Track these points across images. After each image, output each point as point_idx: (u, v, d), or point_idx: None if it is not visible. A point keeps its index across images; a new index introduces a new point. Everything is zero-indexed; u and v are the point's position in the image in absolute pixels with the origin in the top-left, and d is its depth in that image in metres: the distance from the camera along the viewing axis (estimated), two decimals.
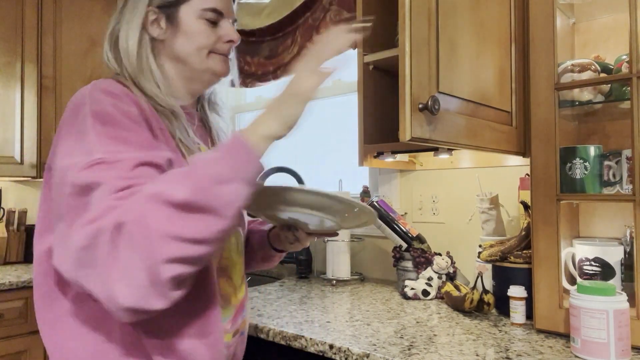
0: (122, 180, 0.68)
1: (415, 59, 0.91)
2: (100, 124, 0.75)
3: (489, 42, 1.09)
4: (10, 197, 2.50)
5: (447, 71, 0.98)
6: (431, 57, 0.94)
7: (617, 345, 0.93)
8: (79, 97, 0.80)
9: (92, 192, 0.68)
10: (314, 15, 1.95)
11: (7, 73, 2.21)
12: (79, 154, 0.73)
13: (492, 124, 1.07)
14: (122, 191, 0.67)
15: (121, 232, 0.64)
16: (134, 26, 0.91)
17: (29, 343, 1.97)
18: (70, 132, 0.77)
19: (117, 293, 0.64)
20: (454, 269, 1.52)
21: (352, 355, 1.02)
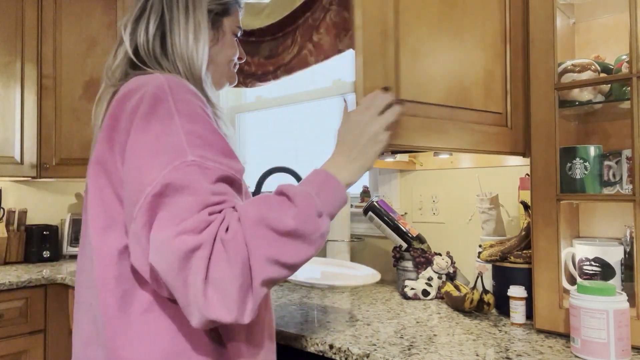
0: (214, 195, 0.70)
1: (368, 70, 0.93)
2: (190, 123, 0.74)
3: (469, 46, 1.10)
4: (10, 197, 2.51)
5: (410, 80, 1.00)
6: (388, 68, 0.97)
7: (617, 345, 0.93)
8: (157, 89, 0.76)
9: (178, 194, 0.69)
10: (314, 15, 1.95)
11: (7, 73, 2.22)
12: (167, 152, 0.71)
13: (473, 125, 1.09)
14: (214, 206, 0.69)
15: (223, 248, 0.67)
16: (203, 26, 0.91)
17: (29, 343, 1.97)
18: (148, 127, 0.73)
19: (209, 305, 0.66)
20: (454, 269, 1.53)
21: (352, 355, 1.02)
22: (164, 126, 0.73)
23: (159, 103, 0.75)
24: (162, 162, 0.70)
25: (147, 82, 0.78)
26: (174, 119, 0.74)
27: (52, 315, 2.04)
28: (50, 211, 2.65)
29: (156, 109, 0.75)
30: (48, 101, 2.31)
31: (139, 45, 0.89)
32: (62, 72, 2.32)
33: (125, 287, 0.78)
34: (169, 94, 0.76)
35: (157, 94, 0.76)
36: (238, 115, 2.63)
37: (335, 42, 1.90)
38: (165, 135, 0.72)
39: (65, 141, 2.31)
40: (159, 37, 0.89)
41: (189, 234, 0.66)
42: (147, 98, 0.75)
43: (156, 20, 0.89)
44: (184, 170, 0.70)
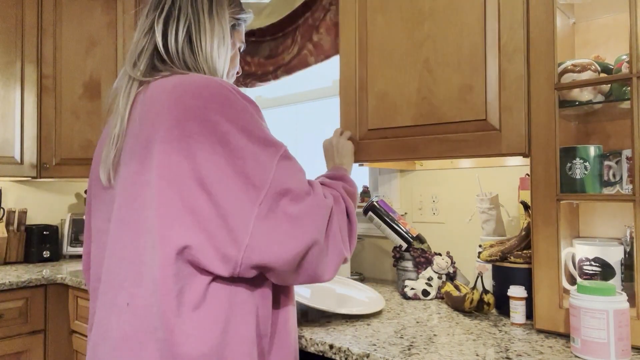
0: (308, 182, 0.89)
1: (344, 111, 1.49)
2: (259, 118, 0.87)
3: (439, 72, 1.31)
4: (10, 197, 2.51)
5: (376, 114, 1.42)
6: (360, 109, 1.46)
7: (617, 345, 0.93)
8: (226, 91, 0.84)
9: (299, 176, 0.86)
10: (314, 15, 1.95)
11: (7, 73, 2.22)
12: (269, 144, 0.83)
13: (445, 136, 1.29)
14: (323, 192, 0.90)
15: (338, 213, 0.90)
16: (226, 35, 1.00)
17: (29, 343, 1.97)
18: (239, 127, 0.81)
19: (329, 271, 0.87)
20: (454, 269, 1.53)
21: (352, 355, 1.02)
22: (252, 125, 0.83)
23: (234, 101, 0.83)
24: (271, 153, 0.82)
25: (203, 82, 0.84)
26: (253, 116, 0.84)
27: (52, 315, 2.04)
28: (50, 211, 2.65)
29: (235, 106, 0.83)
30: (48, 101, 2.31)
31: (169, 44, 0.93)
32: (62, 72, 2.32)
33: (180, 284, 0.79)
34: (234, 93, 0.84)
35: (229, 96, 0.83)
36: None
37: (335, 42, 1.90)
38: (259, 131, 0.83)
39: (65, 141, 2.31)
40: (187, 39, 0.94)
41: (326, 198, 0.88)
42: (221, 101, 0.82)
43: (185, 23, 0.94)
44: (289, 156, 0.86)
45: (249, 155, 0.80)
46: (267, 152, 0.82)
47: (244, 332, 0.82)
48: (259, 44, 2.18)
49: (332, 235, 0.87)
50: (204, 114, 0.80)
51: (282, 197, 0.80)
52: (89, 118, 2.32)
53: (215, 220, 0.78)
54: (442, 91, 1.30)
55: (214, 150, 0.79)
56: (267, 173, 0.80)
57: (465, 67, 1.26)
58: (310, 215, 0.82)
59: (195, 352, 0.78)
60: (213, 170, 0.78)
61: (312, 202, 0.84)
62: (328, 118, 2.24)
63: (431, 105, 1.31)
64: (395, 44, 1.39)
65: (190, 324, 0.78)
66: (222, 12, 0.98)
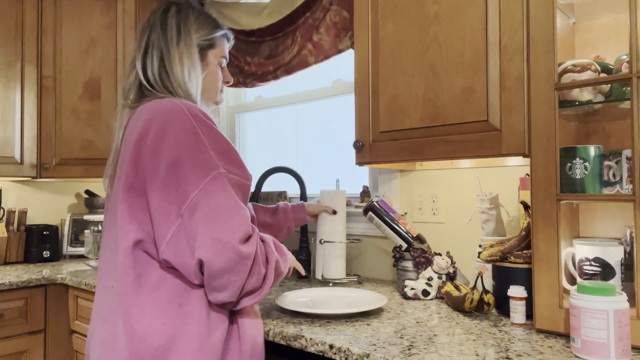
0: (246, 209, 0.98)
1: (358, 114, 1.53)
2: (212, 141, 1.00)
3: (443, 76, 1.33)
4: (10, 197, 2.51)
5: (387, 117, 1.45)
6: (372, 111, 1.50)
7: (617, 345, 0.93)
8: (179, 113, 0.99)
9: (224, 203, 0.94)
10: (314, 15, 1.95)
11: (7, 73, 2.22)
12: (203, 165, 0.96)
13: (449, 137, 1.31)
14: (250, 221, 0.99)
15: (258, 264, 0.98)
16: (194, 60, 1.14)
17: (29, 343, 1.97)
18: (180, 144, 0.96)
19: (230, 298, 0.98)
20: (454, 269, 1.52)
21: (352, 355, 1.02)
22: (195, 144, 0.96)
23: (186, 126, 0.97)
24: (202, 174, 0.95)
25: (166, 107, 1.00)
26: (200, 137, 0.97)
27: (52, 315, 2.04)
28: (50, 211, 2.65)
29: (185, 129, 0.97)
30: (48, 101, 2.31)
31: (148, 75, 1.11)
32: (62, 72, 2.32)
33: (138, 271, 0.99)
34: (190, 116, 0.98)
35: (182, 118, 0.98)
36: (238, 115, 2.63)
37: (335, 42, 1.90)
38: (199, 151, 0.96)
39: (65, 141, 2.31)
40: (162, 69, 1.12)
41: (245, 243, 0.94)
42: (171, 120, 0.98)
43: (158, 55, 1.12)
44: (222, 180, 0.96)
45: (182, 173, 0.95)
46: (199, 174, 0.95)
47: (197, 316, 0.98)
48: (259, 44, 2.18)
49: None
50: (160, 135, 0.97)
51: (194, 213, 0.93)
52: (89, 118, 2.32)
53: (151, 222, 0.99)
54: (446, 93, 1.32)
55: (158, 166, 0.96)
56: (192, 191, 0.94)
57: (467, 69, 1.27)
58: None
59: (150, 328, 0.95)
60: (154, 183, 0.97)
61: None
62: (328, 118, 2.24)
63: (436, 108, 1.34)
64: (403, 48, 1.41)
65: (147, 304, 0.97)
66: (189, 40, 1.14)
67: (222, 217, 0.93)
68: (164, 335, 0.96)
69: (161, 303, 0.98)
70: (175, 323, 0.97)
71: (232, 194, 0.96)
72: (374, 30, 1.49)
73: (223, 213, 0.93)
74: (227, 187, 0.96)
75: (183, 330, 0.97)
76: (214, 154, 0.97)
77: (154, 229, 0.98)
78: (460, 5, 1.29)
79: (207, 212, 0.93)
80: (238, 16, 2.20)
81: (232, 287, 0.95)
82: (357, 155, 1.53)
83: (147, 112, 1.01)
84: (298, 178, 1.93)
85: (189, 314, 0.98)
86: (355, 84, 1.53)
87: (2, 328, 1.89)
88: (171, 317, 0.97)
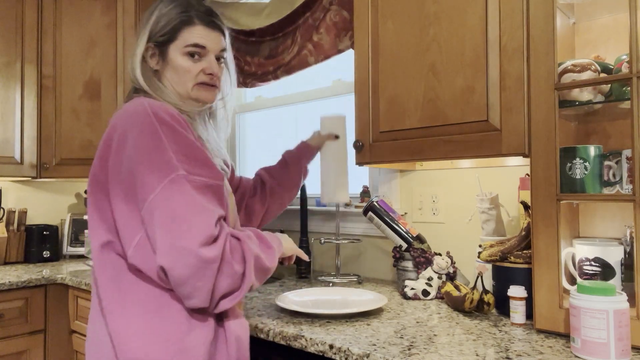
0: (212, 210, 0.94)
1: (358, 114, 1.53)
2: (174, 142, 0.96)
3: (442, 76, 1.33)
4: (10, 197, 2.51)
5: (387, 117, 1.46)
6: (372, 111, 1.49)
7: (617, 345, 0.93)
8: (143, 114, 0.97)
9: (184, 206, 0.91)
10: (314, 15, 1.95)
11: (7, 73, 2.22)
12: (162, 167, 0.92)
13: (450, 137, 1.31)
14: (217, 221, 0.94)
15: (228, 266, 0.93)
16: (136, 59, 1.11)
17: (29, 343, 1.97)
18: (141, 146, 0.94)
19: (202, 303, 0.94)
20: (454, 269, 1.52)
21: (352, 355, 1.02)
22: (154, 145, 0.94)
23: (147, 127, 0.95)
24: (159, 176, 0.91)
25: (130, 109, 0.99)
26: (161, 139, 0.94)
27: (52, 315, 2.04)
28: (50, 211, 2.65)
29: (145, 131, 0.95)
30: (48, 101, 2.31)
31: (131, 76, 1.13)
32: (62, 72, 2.32)
33: (112, 273, 0.99)
34: (152, 116, 0.96)
35: (144, 119, 0.96)
36: (238, 116, 2.63)
37: (335, 42, 1.90)
38: (158, 153, 0.93)
39: (65, 141, 2.31)
40: (133, 69, 1.12)
41: (207, 246, 0.89)
42: (133, 123, 0.97)
43: (130, 59, 1.14)
44: (180, 182, 0.92)
45: (140, 177, 0.93)
46: (157, 177, 0.92)
47: (176, 319, 0.96)
48: (259, 44, 2.18)
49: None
50: (122, 138, 0.97)
51: (152, 217, 0.92)
52: (89, 118, 2.32)
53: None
54: (446, 93, 1.32)
55: (120, 169, 0.96)
56: (149, 194, 0.92)
57: (467, 69, 1.27)
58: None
59: (128, 331, 0.95)
60: (116, 187, 0.97)
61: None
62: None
63: (436, 108, 1.34)
64: (403, 48, 1.41)
65: (124, 306, 0.97)
66: (143, 38, 1.11)
67: (180, 221, 0.89)
68: (141, 338, 0.94)
69: (137, 306, 0.96)
70: (152, 326, 0.95)
71: (194, 196, 0.92)
72: (374, 30, 1.49)
73: (181, 217, 0.89)
74: (187, 189, 0.92)
75: (160, 334, 0.95)
76: (175, 155, 0.93)
77: (119, 233, 0.97)
78: (460, 5, 1.29)
79: (164, 217, 0.90)
80: (238, 16, 2.20)
81: (199, 293, 0.91)
82: (357, 155, 1.52)
83: (115, 115, 1.02)
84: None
85: (167, 316, 0.96)
86: (355, 84, 1.53)
87: (2, 328, 1.89)
88: (148, 320, 0.95)
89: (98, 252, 1.01)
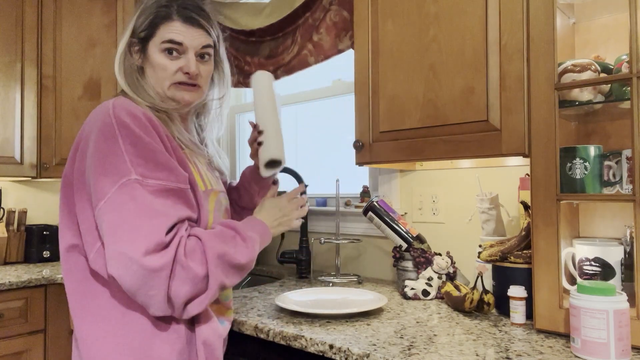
0: (166, 215, 0.89)
1: (358, 114, 1.53)
2: (131, 145, 0.92)
3: (442, 76, 1.33)
4: (10, 197, 2.51)
5: (387, 117, 1.45)
6: (372, 111, 1.49)
7: (617, 345, 0.93)
8: (105, 117, 0.94)
9: (134, 212, 0.87)
10: (314, 15, 1.95)
11: (7, 73, 2.22)
12: (114, 171, 0.90)
13: (450, 137, 1.31)
14: (172, 226, 0.89)
15: (182, 270, 0.88)
16: (118, 56, 1.09)
17: (29, 343, 1.97)
18: (99, 148, 0.92)
19: (162, 310, 0.90)
20: (454, 269, 1.52)
21: (352, 355, 1.02)
22: (110, 148, 0.91)
23: (105, 129, 0.93)
24: (111, 181, 0.89)
25: (97, 111, 0.98)
26: (117, 141, 0.91)
27: (52, 315, 2.04)
28: (50, 211, 2.65)
29: (103, 134, 0.92)
30: (48, 101, 2.31)
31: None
32: (62, 72, 2.32)
33: (78, 276, 0.98)
34: (113, 118, 0.93)
35: (105, 120, 0.94)
36: (238, 115, 2.63)
37: (335, 42, 1.90)
38: (113, 156, 0.90)
39: (65, 141, 2.31)
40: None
41: (153, 254, 0.85)
42: (95, 125, 0.95)
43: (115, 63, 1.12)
44: (132, 187, 0.88)
45: (94, 181, 0.91)
46: (108, 182, 0.89)
47: (141, 327, 0.94)
48: (259, 44, 2.18)
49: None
50: (86, 140, 0.96)
51: (102, 223, 0.90)
52: None
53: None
54: (446, 93, 1.32)
55: (82, 173, 0.95)
56: (100, 200, 0.90)
57: (467, 69, 1.27)
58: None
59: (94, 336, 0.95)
60: (78, 191, 0.96)
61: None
62: (328, 118, 2.24)
63: (436, 108, 1.34)
64: (403, 48, 1.41)
65: (90, 310, 0.96)
66: (124, 36, 1.09)
67: (126, 227, 0.85)
68: (104, 345, 0.93)
69: (102, 311, 0.95)
70: (116, 333, 0.94)
71: (146, 201, 0.87)
72: (374, 30, 1.49)
73: (128, 223, 0.85)
74: (140, 194, 0.87)
75: (124, 342, 0.93)
76: (130, 158, 0.89)
77: (82, 237, 0.96)
78: (460, 6, 1.29)
79: (111, 224, 0.86)
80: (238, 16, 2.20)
81: (154, 301, 0.87)
82: (357, 155, 1.53)
83: (88, 116, 1.01)
84: (298, 178, 1.92)
85: (132, 323, 0.94)
86: (355, 84, 1.53)
87: (2, 328, 1.89)
88: (113, 327, 0.94)
89: (64, 255, 1.00)
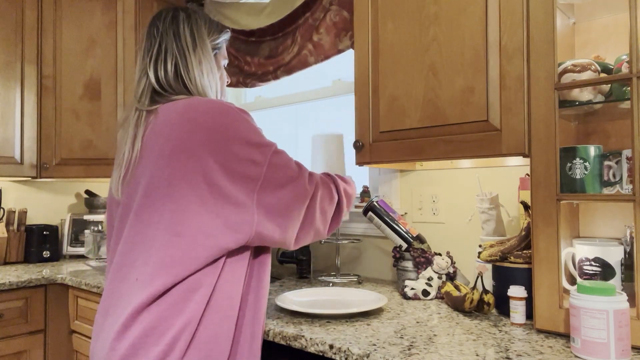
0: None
1: (358, 114, 1.54)
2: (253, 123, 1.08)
3: (442, 76, 1.33)
4: (10, 197, 2.51)
5: (387, 116, 1.46)
6: (372, 111, 1.50)
7: (617, 345, 0.93)
8: (225, 105, 1.02)
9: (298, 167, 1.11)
10: (314, 15, 1.95)
11: (7, 73, 2.22)
12: (265, 143, 1.04)
13: (450, 137, 1.32)
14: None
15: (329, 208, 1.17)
16: (212, 64, 1.17)
17: (29, 343, 1.97)
18: (240, 130, 1.01)
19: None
20: (454, 269, 1.52)
21: (352, 355, 1.02)
22: (249, 126, 1.03)
23: (231, 114, 1.01)
24: (266, 150, 1.02)
25: (213, 104, 1.02)
26: (249, 121, 1.04)
27: (52, 315, 2.04)
28: (50, 211, 2.65)
29: (236, 118, 1.01)
30: (48, 101, 2.31)
31: (161, 81, 1.11)
32: (62, 72, 2.32)
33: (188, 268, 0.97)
34: (237, 112, 1.02)
35: (225, 108, 1.01)
36: None
37: (335, 42, 1.90)
38: (256, 134, 1.03)
39: (65, 141, 2.31)
40: (176, 75, 1.12)
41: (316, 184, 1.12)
42: (222, 113, 1.00)
43: (172, 62, 1.12)
44: (282, 152, 1.07)
45: (240, 167, 0.97)
46: (261, 153, 1.01)
47: (220, 305, 0.98)
48: (259, 44, 2.18)
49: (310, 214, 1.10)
50: (212, 127, 0.98)
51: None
52: (89, 118, 2.32)
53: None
54: (446, 93, 1.32)
55: (217, 158, 0.96)
56: (260, 172, 1.00)
57: (467, 69, 1.27)
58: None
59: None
60: (217, 172, 0.96)
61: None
62: (328, 118, 2.24)
63: (436, 108, 1.34)
64: (403, 48, 1.41)
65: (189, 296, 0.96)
66: (204, 45, 1.16)
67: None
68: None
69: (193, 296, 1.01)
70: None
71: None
72: (374, 30, 1.49)
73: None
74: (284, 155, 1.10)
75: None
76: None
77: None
78: (460, 5, 1.29)
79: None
80: (238, 16, 2.20)
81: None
82: (357, 155, 1.53)
83: (184, 107, 1.01)
84: None
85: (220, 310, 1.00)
86: (355, 84, 1.53)
87: (2, 328, 1.89)
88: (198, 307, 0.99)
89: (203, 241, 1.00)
